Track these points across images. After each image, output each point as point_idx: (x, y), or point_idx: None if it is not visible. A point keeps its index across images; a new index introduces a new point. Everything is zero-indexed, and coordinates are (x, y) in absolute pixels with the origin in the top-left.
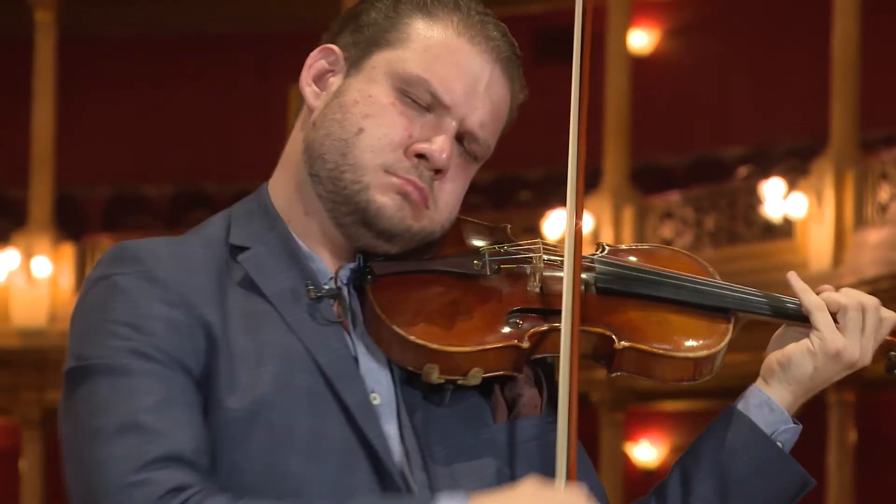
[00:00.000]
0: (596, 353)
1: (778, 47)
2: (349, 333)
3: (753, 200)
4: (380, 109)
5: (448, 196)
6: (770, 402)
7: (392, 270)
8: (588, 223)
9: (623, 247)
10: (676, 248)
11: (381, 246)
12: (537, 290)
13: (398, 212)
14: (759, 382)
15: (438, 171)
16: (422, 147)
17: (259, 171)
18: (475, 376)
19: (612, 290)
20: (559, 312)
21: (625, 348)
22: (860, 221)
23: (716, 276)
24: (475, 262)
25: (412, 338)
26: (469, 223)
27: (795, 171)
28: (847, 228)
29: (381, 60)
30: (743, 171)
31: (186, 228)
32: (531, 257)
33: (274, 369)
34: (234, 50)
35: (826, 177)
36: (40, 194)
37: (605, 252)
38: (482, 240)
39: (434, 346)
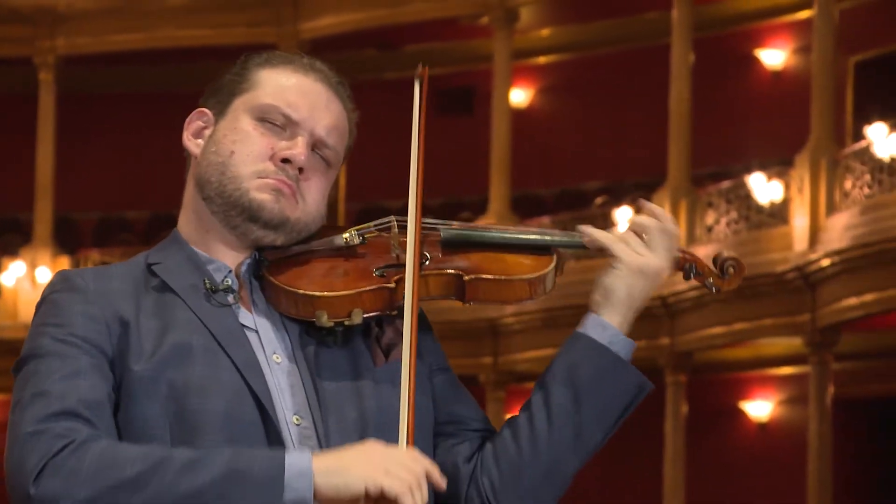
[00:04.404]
0: (452, 291)
1: (627, 103)
2: (251, 313)
3: (608, 224)
4: (245, 135)
5: (313, 192)
6: (602, 322)
7: (281, 255)
8: None
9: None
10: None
11: (269, 236)
12: (397, 251)
13: (275, 204)
14: (590, 311)
15: (301, 171)
16: (285, 153)
17: None
18: (357, 315)
19: (455, 245)
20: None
21: (472, 279)
22: (691, 240)
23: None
24: (343, 235)
25: (301, 291)
26: (339, 227)
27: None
28: (681, 245)
29: (240, 102)
30: (599, 200)
31: None
32: (389, 226)
33: (176, 335)
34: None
35: (664, 205)
36: (43, 217)
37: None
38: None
39: (319, 293)
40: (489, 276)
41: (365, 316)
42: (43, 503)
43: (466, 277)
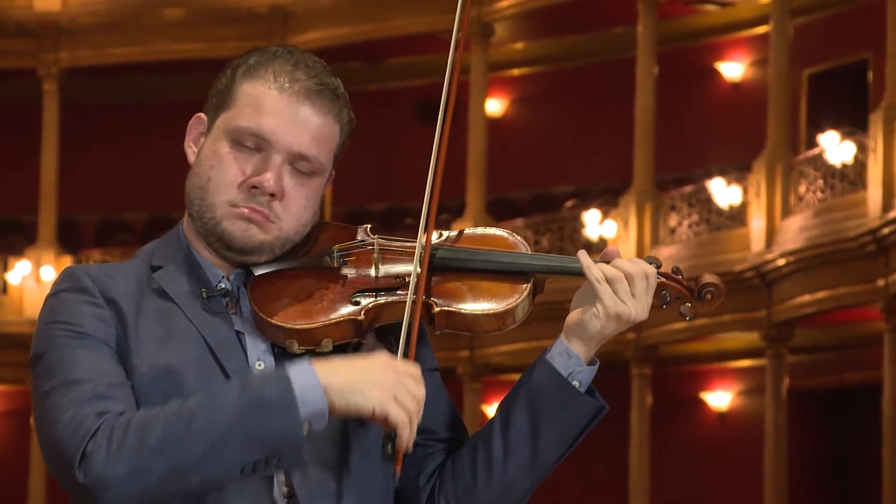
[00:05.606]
0: (424, 318)
1: (595, 112)
2: (240, 320)
3: (577, 225)
4: (220, 160)
5: (292, 208)
6: (569, 351)
7: (264, 272)
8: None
9: (456, 233)
10: (503, 230)
11: (249, 258)
12: (376, 274)
13: (245, 233)
14: (562, 335)
15: (273, 196)
16: (254, 180)
17: None
18: (326, 345)
19: (434, 268)
20: (392, 290)
21: (441, 311)
22: (655, 241)
23: (527, 249)
24: (326, 257)
25: (273, 320)
26: (332, 226)
27: (608, 203)
28: (646, 246)
29: (221, 121)
30: (569, 203)
31: None
32: (370, 249)
33: (173, 344)
34: (196, 113)
35: (631, 208)
36: (46, 219)
37: (444, 238)
38: (340, 237)
39: (289, 325)
40: (455, 310)
41: (335, 344)
42: (94, 489)
43: (435, 309)
